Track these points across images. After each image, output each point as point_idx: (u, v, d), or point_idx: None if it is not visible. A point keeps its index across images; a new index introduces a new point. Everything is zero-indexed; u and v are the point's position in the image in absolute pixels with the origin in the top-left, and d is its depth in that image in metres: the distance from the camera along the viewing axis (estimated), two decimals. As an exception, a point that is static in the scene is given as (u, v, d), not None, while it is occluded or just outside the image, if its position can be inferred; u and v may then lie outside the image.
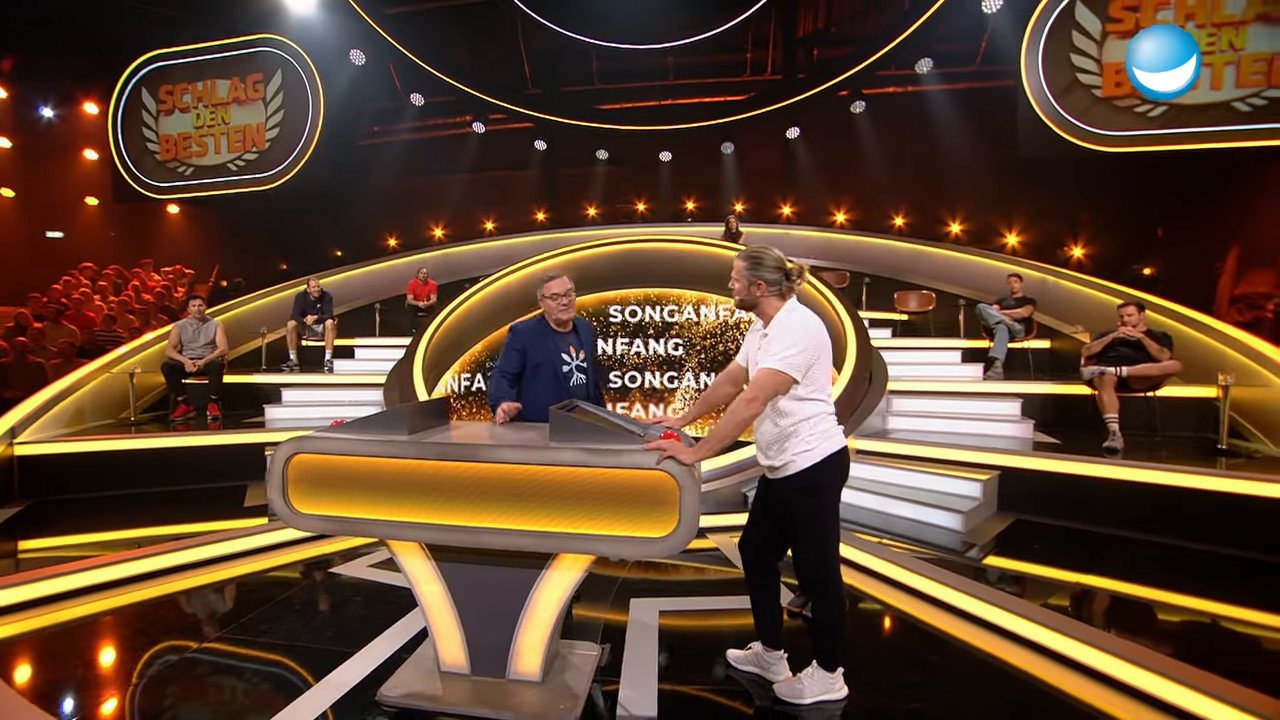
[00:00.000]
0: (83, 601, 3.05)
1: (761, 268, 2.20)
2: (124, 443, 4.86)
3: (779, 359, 2.10)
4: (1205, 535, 3.64)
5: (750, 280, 2.22)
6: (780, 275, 2.20)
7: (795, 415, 2.16)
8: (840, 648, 2.25)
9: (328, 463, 2.17)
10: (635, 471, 1.96)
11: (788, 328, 2.15)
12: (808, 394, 2.16)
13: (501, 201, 12.15)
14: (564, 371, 2.78)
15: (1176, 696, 2.18)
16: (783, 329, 2.16)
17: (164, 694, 2.32)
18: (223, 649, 2.62)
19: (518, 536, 2.05)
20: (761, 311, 2.24)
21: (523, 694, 2.22)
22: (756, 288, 2.21)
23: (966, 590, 2.94)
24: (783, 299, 2.22)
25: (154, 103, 9.60)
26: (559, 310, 2.79)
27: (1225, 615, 2.93)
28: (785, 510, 2.24)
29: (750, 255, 2.24)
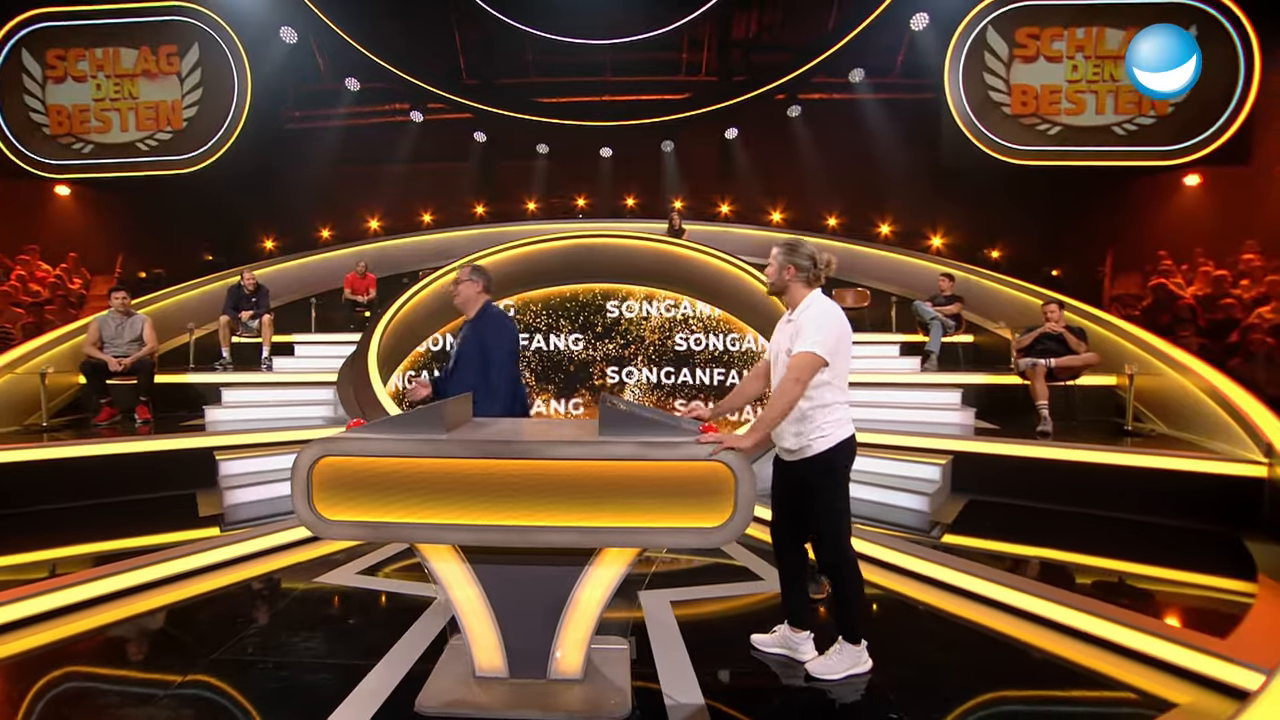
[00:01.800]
0: (39, 630, 2.71)
1: (796, 254, 2.36)
2: (48, 451, 4.31)
3: (812, 343, 2.24)
4: (1125, 505, 4.17)
5: (783, 264, 2.37)
6: (810, 264, 2.36)
7: (814, 401, 2.31)
8: (860, 621, 2.41)
9: (360, 465, 2.07)
10: (691, 463, 2.02)
11: (816, 315, 2.31)
12: (826, 381, 2.31)
13: (439, 194, 11.69)
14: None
15: (1110, 633, 2.58)
16: (811, 316, 2.31)
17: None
18: (230, 669, 2.43)
19: (566, 533, 2.06)
20: (790, 297, 2.40)
21: (567, 693, 2.22)
22: (787, 272, 2.37)
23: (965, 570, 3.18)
24: (809, 286, 2.37)
25: (39, 68, 8.44)
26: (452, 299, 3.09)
27: (1145, 573, 3.38)
28: (803, 492, 2.39)
29: (787, 242, 2.39)
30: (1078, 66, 8.97)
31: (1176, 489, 4.10)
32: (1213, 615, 2.89)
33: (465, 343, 3.00)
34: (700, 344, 8.11)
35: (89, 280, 9.84)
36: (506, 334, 3.02)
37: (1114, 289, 9.84)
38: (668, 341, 8.23)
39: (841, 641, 2.40)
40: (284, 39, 8.84)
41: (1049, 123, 9.01)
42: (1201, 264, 9.10)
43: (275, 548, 3.64)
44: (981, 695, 2.32)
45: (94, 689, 2.33)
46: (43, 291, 8.27)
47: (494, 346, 2.95)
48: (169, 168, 8.71)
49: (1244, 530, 3.76)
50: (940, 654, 2.62)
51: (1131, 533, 3.93)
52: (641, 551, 2.24)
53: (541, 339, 8.21)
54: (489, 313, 3.05)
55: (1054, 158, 9.03)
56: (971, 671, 2.48)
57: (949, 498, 4.53)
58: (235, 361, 6.71)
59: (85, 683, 2.38)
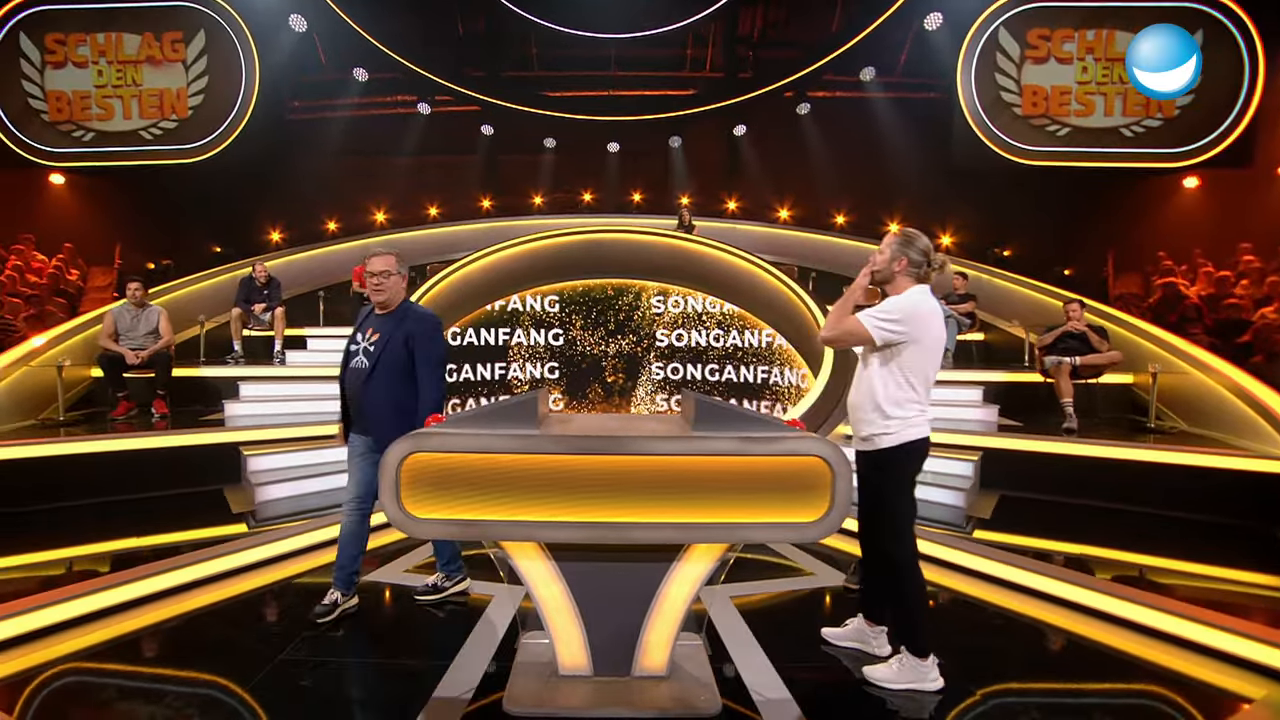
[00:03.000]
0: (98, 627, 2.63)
1: (910, 247, 2.33)
2: (76, 446, 4.19)
3: (872, 315, 2.26)
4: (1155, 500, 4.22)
5: (895, 255, 2.33)
6: (923, 260, 2.33)
7: (887, 397, 2.30)
8: (921, 632, 2.29)
9: (450, 461, 2.03)
10: (790, 458, 2.00)
11: (899, 299, 2.30)
12: (902, 379, 2.30)
13: (445, 187, 11.56)
14: (350, 350, 2.76)
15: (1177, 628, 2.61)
16: (895, 298, 2.31)
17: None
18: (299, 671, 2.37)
19: (664, 529, 2.03)
20: (894, 288, 2.35)
21: (654, 690, 2.20)
22: (898, 263, 2.33)
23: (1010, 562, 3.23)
24: (915, 282, 2.34)
25: (38, 52, 8.17)
26: (371, 290, 2.75)
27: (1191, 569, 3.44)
28: (866, 485, 2.39)
29: (904, 233, 2.37)
30: (1087, 68, 9.07)
31: (1207, 485, 4.17)
32: (1269, 610, 2.94)
33: (388, 345, 2.63)
34: (715, 340, 8.10)
35: (86, 271, 9.61)
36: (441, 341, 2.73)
37: (1116, 289, 10.01)
38: (681, 337, 8.20)
39: (904, 651, 2.31)
40: (293, 28, 8.66)
41: (1059, 124, 9.10)
42: (1202, 264, 9.26)
43: (317, 544, 3.57)
44: (1079, 688, 2.33)
45: (164, 690, 2.26)
46: (40, 282, 8.05)
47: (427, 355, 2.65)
48: (174, 157, 8.50)
49: (1276, 525, 3.83)
50: (1018, 648, 2.63)
51: (1167, 528, 4.00)
52: (730, 548, 2.22)
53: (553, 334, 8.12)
54: (416, 311, 2.72)
55: (1063, 159, 9.13)
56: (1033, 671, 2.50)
57: (980, 494, 4.57)
58: (246, 355, 6.60)
59: (153, 684, 2.31)
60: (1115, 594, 2.86)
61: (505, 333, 7.64)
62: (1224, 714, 2.19)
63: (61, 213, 9.86)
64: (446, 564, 3.01)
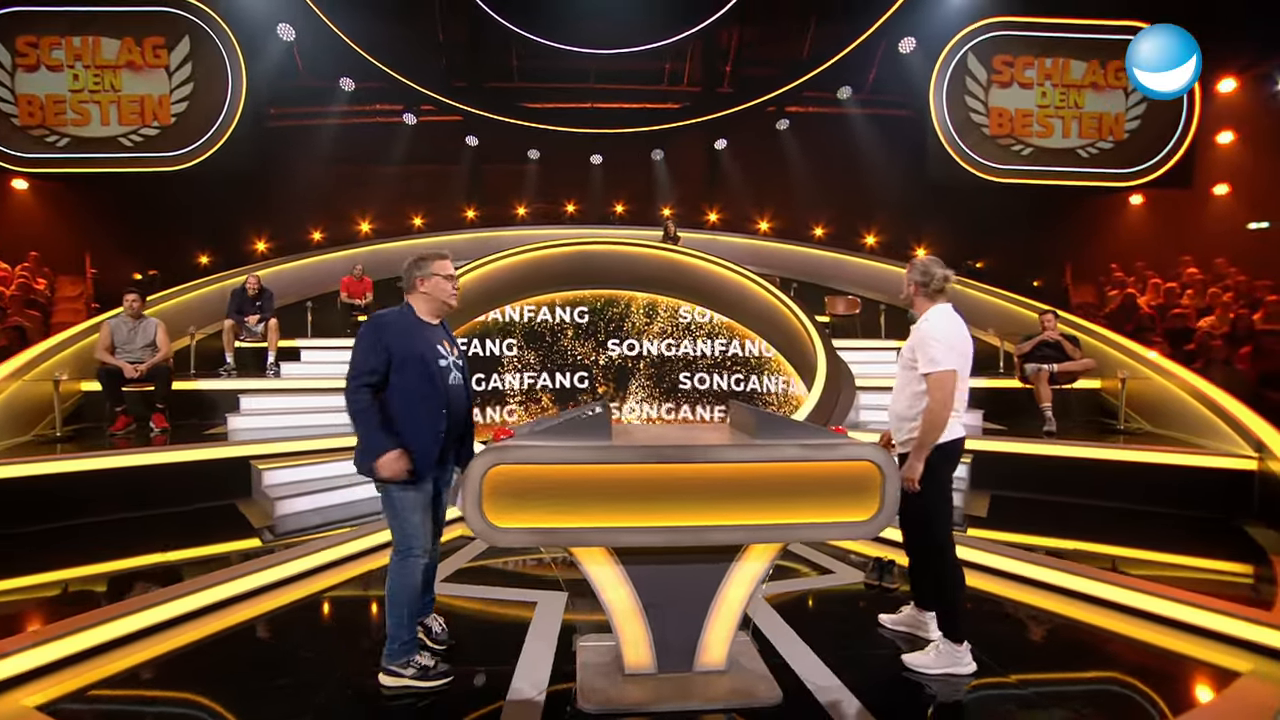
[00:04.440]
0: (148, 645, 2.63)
1: (913, 270, 2.62)
2: (79, 463, 4.09)
3: (935, 362, 2.46)
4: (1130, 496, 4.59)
5: (906, 281, 2.64)
6: (925, 278, 2.59)
7: (921, 405, 2.53)
8: (957, 618, 2.51)
9: (531, 473, 2.15)
10: (846, 463, 2.20)
11: (927, 333, 2.52)
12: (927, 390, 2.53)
13: (430, 197, 11.53)
14: (441, 366, 2.38)
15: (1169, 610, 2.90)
16: (922, 333, 2.53)
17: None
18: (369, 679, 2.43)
19: (733, 531, 2.20)
20: (916, 310, 2.64)
21: (716, 684, 2.35)
22: (911, 287, 2.62)
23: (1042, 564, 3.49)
24: (930, 300, 2.60)
25: (9, 55, 7.85)
26: (449, 296, 2.47)
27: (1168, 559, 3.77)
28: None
29: (910, 260, 2.67)
30: (1046, 93, 9.71)
31: (1176, 481, 4.56)
32: (1242, 580, 3.28)
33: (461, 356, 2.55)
34: (704, 349, 8.31)
35: (53, 280, 9.24)
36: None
37: (1075, 298, 10.68)
38: (671, 346, 8.37)
39: (941, 637, 2.54)
40: (281, 36, 8.56)
41: (1023, 144, 9.71)
42: (1150, 276, 9.97)
43: (350, 556, 3.60)
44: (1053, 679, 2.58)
45: (240, 706, 2.30)
46: (15, 293, 7.70)
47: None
48: (156, 164, 8.28)
49: (1237, 518, 4.23)
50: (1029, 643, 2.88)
51: (1142, 521, 4.35)
52: (784, 547, 2.40)
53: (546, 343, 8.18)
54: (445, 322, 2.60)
55: (1027, 176, 9.73)
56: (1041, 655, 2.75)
57: (973, 494, 4.87)
58: (238, 366, 6.49)
59: (234, 695, 2.35)
60: (1108, 580, 3.15)
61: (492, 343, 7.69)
62: (1219, 686, 2.46)
63: (24, 219, 9.47)
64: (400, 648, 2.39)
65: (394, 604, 2.34)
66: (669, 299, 8.57)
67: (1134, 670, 2.57)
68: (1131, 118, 9.85)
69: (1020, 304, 7.92)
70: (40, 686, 2.30)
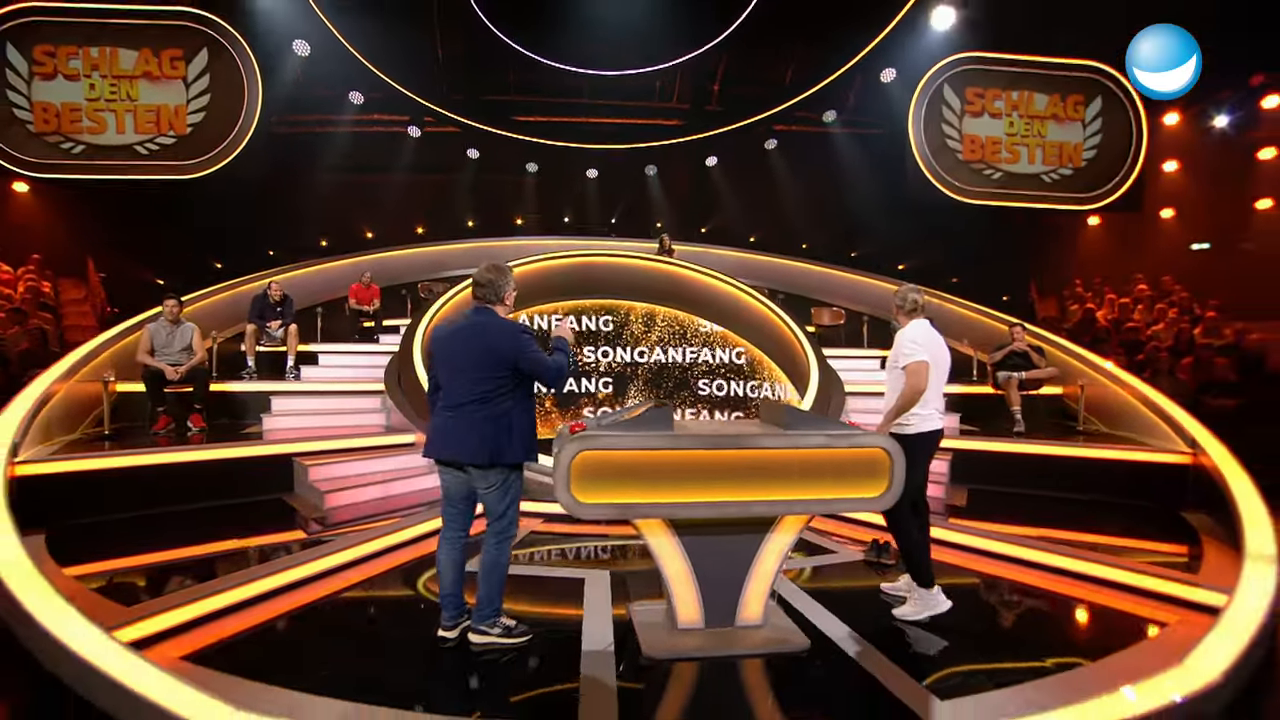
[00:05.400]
0: (260, 610, 3.01)
1: (896, 296, 3.24)
2: (139, 458, 4.38)
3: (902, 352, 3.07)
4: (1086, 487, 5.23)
5: (893, 306, 3.24)
6: (904, 302, 3.20)
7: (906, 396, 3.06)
8: (926, 566, 3.06)
9: (609, 458, 2.61)
10: (862, 449, 2.70)
11: (905, 336, 3.12)
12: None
13: (431, 207, 11.87)
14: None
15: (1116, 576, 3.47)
16: (901, 337, 3.14)
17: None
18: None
19: (775, 505, 2.69)
20: (901, 324, 3.22)
21: (755, 635, 2.83)
22: (896, 310, 3.22)
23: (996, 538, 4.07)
24: (910, 317, 3.19)
25: (25, 63, 7.99)
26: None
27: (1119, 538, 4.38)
28: None
29: (895, 290, 3.25)
30: (1013, 123, 10.54)
31: (1125, 475, 5.22)
32: (1178, 558, 3.89)
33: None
34: (702, 356, 8.80)
35: (55, 283, 9.31)
36: None
37: (1041, 312, 11.53)
38: (668, 355, 8.83)
39: (915, 587, 3.08)
40: (297, 51, 8.86)
41: (993, 168, 10.51)
42: (1106, 292, 10.85)
43: (409, 540, 3.99)
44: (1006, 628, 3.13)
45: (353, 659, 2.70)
46: (27, 296, 7.81)
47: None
48: (171, 173, 8.49)
49: (1175, 505, 4.87)
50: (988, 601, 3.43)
51: (1097, 508, 4.97)
52: (809, 520, 2.89)
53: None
54: None
55: (997, 199, 10.53)
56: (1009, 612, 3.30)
57: (953, 487, 5.46)
58: (259, 370, 6.76)
59: (337, 652, 2.74)
60: (1066, 554, 3.72)
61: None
62: (1152, 632, 3.02)
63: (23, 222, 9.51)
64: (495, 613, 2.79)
65: (495, 575, 2.74)
66: (666, 309, 9.07)
67: (1086, 621, 3.13)
68: (1089, 147, 10.73)
69: (992, 317, 8.61)
70: (181, 642, 2.67)
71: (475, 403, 2.68)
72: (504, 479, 2.73)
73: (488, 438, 2.67)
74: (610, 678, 2.50)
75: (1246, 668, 2.49)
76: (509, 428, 2.70)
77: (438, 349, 2.85)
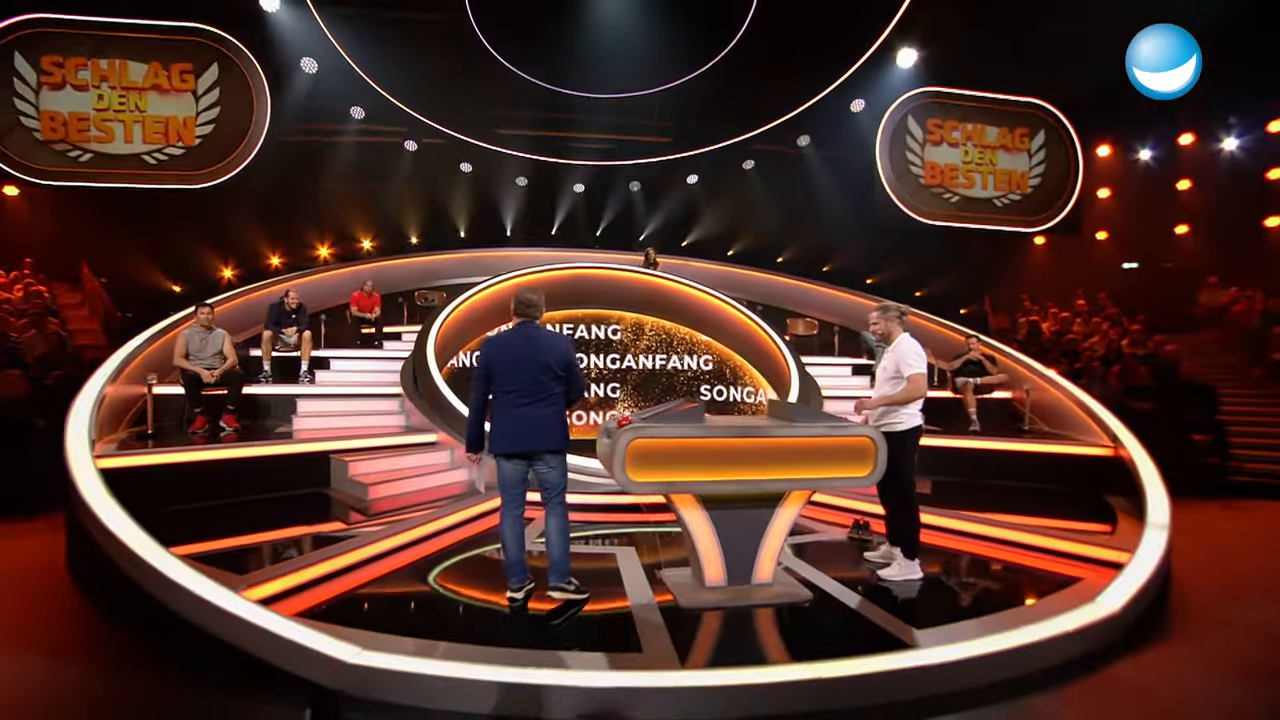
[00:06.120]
0: (350, 578, 3.54)
1: (889, 312, 3.86)
2: (199, 454, 4.79)
3: (917, 367, 3.71)
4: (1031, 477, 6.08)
5: (887, 319, 3.87)
6: (899, 315, 3.85)
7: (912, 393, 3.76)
8: (915, 544, 3.78)
9: (656, 444, 3.22)
10: (852, 438, 3.38)
11: (911, 348, 3.77)
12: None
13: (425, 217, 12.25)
14: None
15: (1044, 543, 4.24)
16: (907, 348, 3.77)
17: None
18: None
19: (781, 483, 3.34)
20: (890, 336, 3.85)
21: (769, 590, 3.46)
22: (890, 323, 3.84)
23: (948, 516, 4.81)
24: (901, 329, 3.84)
25: (34, 73, 8.13)
26: None
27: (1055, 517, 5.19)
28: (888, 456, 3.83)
29: (883, 304, 3.92)
30: (968, 152, 11.61)
31: (1062, 466, 6.08)
32: (1100, 532, 4.70)
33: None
34: (688, 364, 9.46)
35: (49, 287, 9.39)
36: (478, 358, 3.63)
37: (993, 324, 12.64)
38: (656, 361, 9.45)
39: (901, 556, 3.78)
40: (305, 69, 9.21)
41: (952, 193, 11.54)
42: (1050, 306, 11.99)
43: (456, 524, 4.51)
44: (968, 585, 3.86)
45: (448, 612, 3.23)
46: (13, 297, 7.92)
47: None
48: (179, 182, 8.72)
49: (1100, 490, 5.73)
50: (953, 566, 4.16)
51: (1039, 494, 5.80)
52: (811, 495, 3.55)
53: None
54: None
55: (955, 220, 11.57)
56: (969, 572, 4.03)
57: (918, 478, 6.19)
58: (273, 374, 7.11)
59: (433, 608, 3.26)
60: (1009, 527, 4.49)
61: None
62: (1070, 583, 3.75)
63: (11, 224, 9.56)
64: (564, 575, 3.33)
65: (565, 537, 3.33)
66: (654, 319, 9.70)
67: (1026, 577, 3.88)
68: (1034, 175, 11.89)
69: (950, 328, 9.53)
70: (292, 603, 3.15)
71: (538, 400, 3.24)
72: (562, 460, 3.35)
73: (558, 428, 3.28)
74: (659, 620, 3.10)
75: (1140, 603, 3.26)
76: (563, 420, 3.31)
77: (497, 356, 3.35)
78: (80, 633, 3.31)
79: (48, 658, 2.99)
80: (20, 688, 2.75)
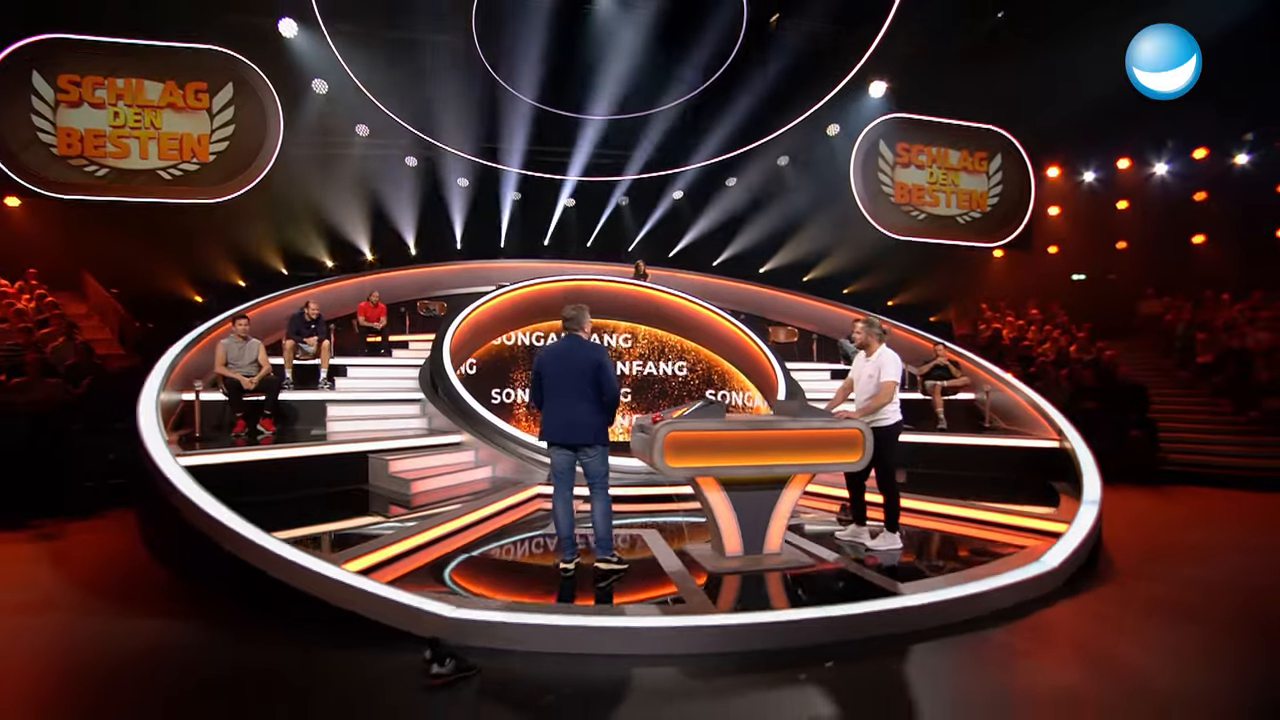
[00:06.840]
0: (423, 555, 4.10)
1: (873, 326, 4.57)
2: (256, 454, 5.25)
3: (894, 376, 4.43)
4: (991, 467, 6.91)
5: (869, 332, 4.57)
6: (880, 330, 4.57)
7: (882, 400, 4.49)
8: (897, 520, 4.52)
9: (687, 436, 3.87)
10: (846, 430, 4.09)
11: (891, 358, 4.49)
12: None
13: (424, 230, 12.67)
14: None
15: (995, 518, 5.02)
16: (888, 359, 4.49)
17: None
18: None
19: (789, 468, 4.02)
20: (870, 348, 4.56)
21: (778, 558, 4.12)
22: (871, 335, 4.56)
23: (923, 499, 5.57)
24: (880, 342, 4.57)
25: (50, 90, 8.38)
26: None
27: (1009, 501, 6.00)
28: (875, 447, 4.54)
29: (867, 318, 4.63)
30: (933, 173, 12.61)
31: (1016, 458, 6.93)
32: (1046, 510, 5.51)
33: None
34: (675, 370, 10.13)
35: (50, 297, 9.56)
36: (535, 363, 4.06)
37: (957, 331, 13.66)
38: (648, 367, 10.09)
39: (885, 530, 4.51)
40: (316, 90, 9.63)
41: (920, 211, 12.51)
42: (1008, 315, 13.05)
43: (496, 513, 5.08)
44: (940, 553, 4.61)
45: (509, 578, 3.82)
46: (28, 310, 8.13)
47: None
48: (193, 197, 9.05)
49: (1047, 476, 6.58)
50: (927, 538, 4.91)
51: (996, 482, 6.61)
52: (812, 478, 4.25)
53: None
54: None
55: (923, 235, 12.54)
56: (940, 543, 4.79)
57: (893, 470, 6.98)
58: (295, 381, 7.53)
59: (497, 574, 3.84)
60: (971, 507, 5.28)
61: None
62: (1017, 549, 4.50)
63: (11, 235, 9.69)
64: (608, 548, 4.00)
65: (607, 518, 3.95)
66: (647, 328, 10.35)
67: (985, 546, 4.65)
68: (992, 195, 12.96)
69: (920, 336, 10.41)
70: (383, 574, 3.70)
71: (581, 402, 3.88)
72: (602, 451, 3.96)
73: (594, 425, 3.91)
74: (692, 583, 3.75)
75: (1074, 562, 4.05)
76: (600, 418, 3.94)
77: (548, 363, 4.00)
78: (203, 610, 3.65)
79: (189, 627, 3.42)
80: (187, 651, 3.18)
